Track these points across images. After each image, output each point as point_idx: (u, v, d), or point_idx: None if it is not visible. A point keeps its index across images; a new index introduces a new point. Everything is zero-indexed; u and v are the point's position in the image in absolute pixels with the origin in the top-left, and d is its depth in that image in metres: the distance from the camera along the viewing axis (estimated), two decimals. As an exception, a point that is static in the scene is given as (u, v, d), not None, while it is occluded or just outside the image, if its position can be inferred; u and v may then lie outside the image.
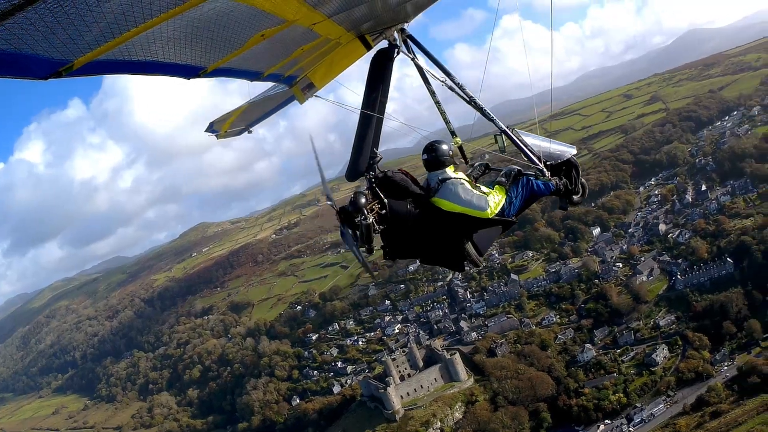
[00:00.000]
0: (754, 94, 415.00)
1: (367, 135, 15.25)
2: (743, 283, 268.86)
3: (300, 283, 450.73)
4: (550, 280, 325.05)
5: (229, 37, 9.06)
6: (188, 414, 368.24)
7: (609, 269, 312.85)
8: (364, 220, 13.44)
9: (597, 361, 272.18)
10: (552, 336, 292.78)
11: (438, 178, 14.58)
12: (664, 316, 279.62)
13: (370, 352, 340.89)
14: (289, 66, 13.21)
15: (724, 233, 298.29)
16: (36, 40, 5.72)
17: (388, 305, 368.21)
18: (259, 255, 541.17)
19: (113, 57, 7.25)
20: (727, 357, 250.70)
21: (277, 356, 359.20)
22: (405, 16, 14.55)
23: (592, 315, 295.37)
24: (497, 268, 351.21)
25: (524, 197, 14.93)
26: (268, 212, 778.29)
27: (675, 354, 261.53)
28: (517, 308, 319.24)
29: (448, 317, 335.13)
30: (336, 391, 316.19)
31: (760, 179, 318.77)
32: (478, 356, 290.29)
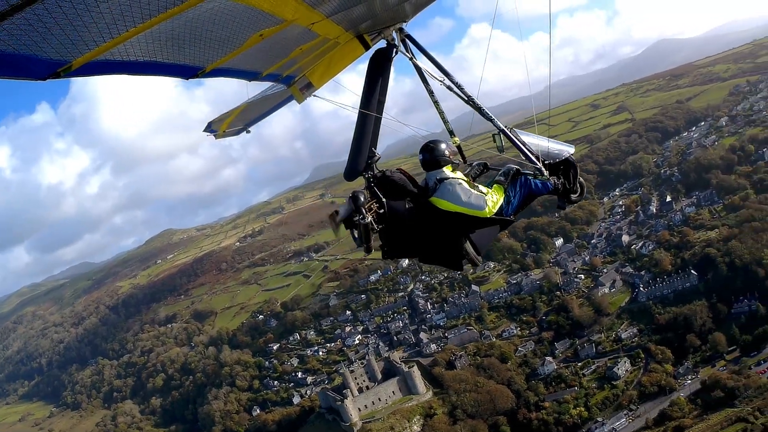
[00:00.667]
0: (721, 105, 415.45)
1: (366, 134, 14.84)
2: (708, 295, 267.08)
3: (263, 291, 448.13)
4: (511, 292, 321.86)
5: (227, 37, 8.90)
6: (151, 423, 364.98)
7: (571, 281, 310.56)
8: (363, 219, 13.30)
9: (558, 374, 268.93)
10: (512, 348, 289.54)
11: (436, 178, 14.33)
12: (627, 328, 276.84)
13: (330, 362, 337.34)
14: (287, 66, 12.88)
15: (688, 245, 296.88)
16: (34, 40, 5.78)
17: (349, 315, 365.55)
18: (222, 263, 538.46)
19: (111, 57, 7.20)
20: (691, 370, 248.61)
21: (238, 366, 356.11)
22: (403, 16, 14.45)
23: (553, 327, 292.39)
24: (458, 278, 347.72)
25: (522, 196, 14.84)
26: (233, 219, 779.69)
27: (637, 367, 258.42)
28: (478, 320, 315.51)
29: (408, 328, 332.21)
30: (296, 402, 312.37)
31: (726, 190, 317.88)
32: (438, 369, 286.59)
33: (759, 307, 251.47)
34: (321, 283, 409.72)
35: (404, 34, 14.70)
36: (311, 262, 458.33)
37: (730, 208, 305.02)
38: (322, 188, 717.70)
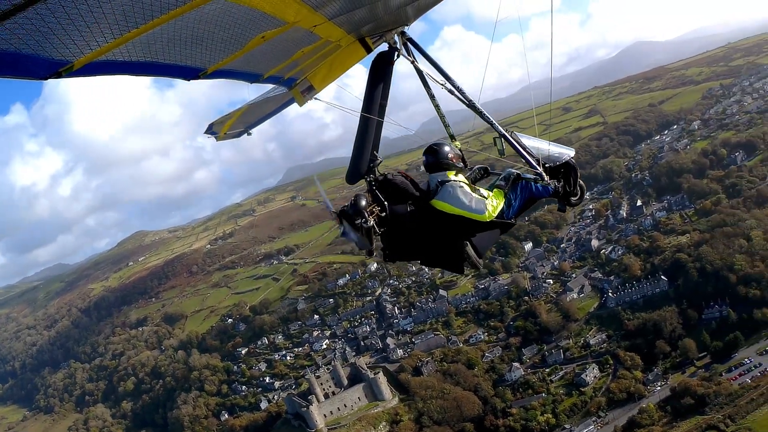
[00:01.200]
0: (694, 108, 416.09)
1: (368, 138, 14.91)
2: (678, 301, 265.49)
3: (233, 294, 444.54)
4: (479, 297, 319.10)
5: (229, 38, 9.03)
6: (122, 427, 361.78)
7: (539, 286, 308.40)
8: (365, 222, 13.35)
9: (525, 380, 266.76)
10: (479, 354, 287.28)
11: (437, 181, 14.25)
12: (595, 334, 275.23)
13: (297, 367, 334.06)
14: (289, 68, 12.86)
15: (658, 250, 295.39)
16: (36, 40, 5.88)
17: (317, 320, 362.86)
18: (193, 265, 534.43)
19: (113, 58, 7.31)
20: (661, 377, 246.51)
21: (207, 370, 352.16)
22: (405, 19, 14.37)
23: (521, 333, 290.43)
24: (426, 283, 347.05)
25: (523, 199, 14.71)
26: (204, 221, 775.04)
27: (606, 374, 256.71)
28: (445, 325, 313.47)
29: (375, 333, 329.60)
30: (263, 407, 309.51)
31: (698, 195, 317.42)
32: (404, 375, 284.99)
33: (730, 314, 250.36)
34: (290, 286, 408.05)
35: (406, 38, 14.65)
36: (281, 265, 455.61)
37: (702, 213, 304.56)
38: (293, 191, 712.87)
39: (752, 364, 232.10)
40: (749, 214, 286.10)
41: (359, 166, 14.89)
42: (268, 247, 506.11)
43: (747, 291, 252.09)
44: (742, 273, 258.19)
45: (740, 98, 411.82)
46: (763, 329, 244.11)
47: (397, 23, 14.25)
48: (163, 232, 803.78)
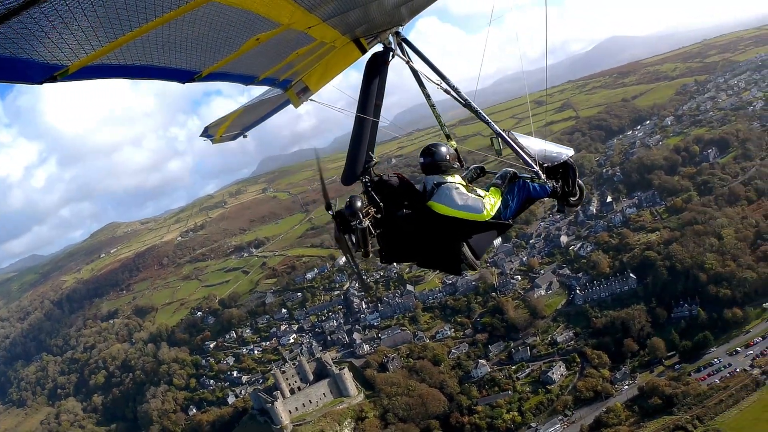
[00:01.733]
0: (668, 104, 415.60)
1: (363, 138, 14.61)
2: (647, 299, 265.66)
3: (203, 287, 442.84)
4: (446, 292, 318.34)
5: (223, 41, 8.98)
6: (93, 421, 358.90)
7: (507, 282, 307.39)
8: (360, 224, 13.10)
9: (491, 377, 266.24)
10: (445, 350, 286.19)
11: (434, 182, 14.11)
12: (562, 332, 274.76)
13: (265, 361, 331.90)
14: (284, 70, 12.77)
15: (627, 247, 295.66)
16: (32, 44, 5.87)
17: (285, 314, 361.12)
18: (164, 258, 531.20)
19: (108, 61, 7.32)
20: (628, 376, 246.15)
21: (175, 364, 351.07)
22: (400, 20, 14.14)
23: (488, 329, 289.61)
24: (394, 278, 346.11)
25: (520, 200, 14.51)
26: (176, 213, 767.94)
27: (573, 372, 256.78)
28: (412, 320, 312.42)
29: (342, 328, 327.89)
30: (230, 402, 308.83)
31: (669, 192, 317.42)
32: (370, 371, 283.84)
33: (700, 313, 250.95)
34: (259, 280, 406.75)
35: (401, 38, 14.23)
36: (251, 258, 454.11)
37: (672, 210, 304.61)
38: (265, 182, 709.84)
39: (721, 365, 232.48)
40: (720, 213, 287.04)
41: (355, 167, 14.60)
42: (239, 240, 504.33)
43: (717, 290, 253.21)
44: (713, 272, 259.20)
45: (714, 95, 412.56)
46: (733, 329, 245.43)
47: (392, 24, 13.93)
48: (136, 223, 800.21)
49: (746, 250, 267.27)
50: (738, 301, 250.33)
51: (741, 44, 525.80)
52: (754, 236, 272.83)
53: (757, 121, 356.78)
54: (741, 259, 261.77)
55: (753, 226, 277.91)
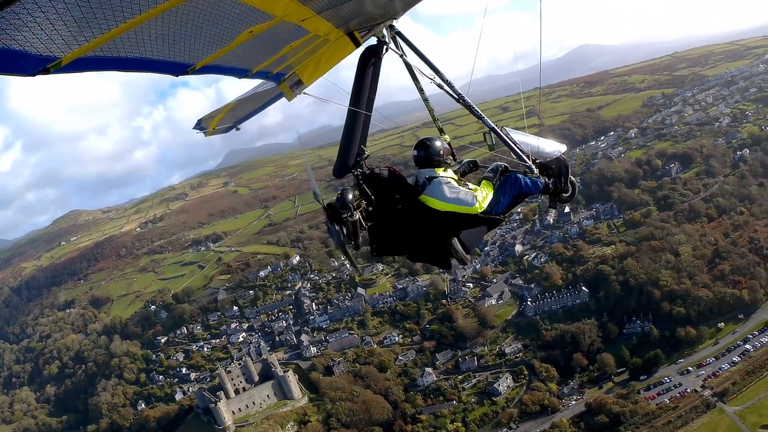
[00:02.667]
0: (633, 116, 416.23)
1: (355, 132, 14.65)
2: (598, 314, 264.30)
3: (159, 280, 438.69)
4: (397, 297, 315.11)
5: (217, 33, 9.04)
6: (46, 411, 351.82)
7: (458, 289, 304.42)
8: (351, 216, 13.23)
9: (437, 386, 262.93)
10: (392, 357, 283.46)
11: (425, 176, 14.30)
12: (511, 343, 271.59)
13: (214, 359, 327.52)
14: (277, 63, 12.82)
15: (581, 260, 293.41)
16: (24, 36, 5.86)
17: (236, 312, 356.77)
18: (122, 248, 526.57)
19: (102, 53, 7.33)
20: (576, 391, 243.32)
21: (126, 358, 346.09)
22: (394, 13, 14.02)
23: (436, 337, 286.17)
24: (346, 279, 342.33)
25: (512, 196, 14.78)
26: (138, 203, 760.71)
27: (520, 384, 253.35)
28: (360, 324, 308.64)
29: (290, 329, 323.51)
30: (178, 399, 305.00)
31: (628, 205, 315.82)
32: (315, 374, 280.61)
33: (652, 330, 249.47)
34: (213, 275, 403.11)
35: (395, 31, 14.19)
36: (207, 252, 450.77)
37: (630, 224, 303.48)
38: (227, 176, 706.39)
39: (672, 384, 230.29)
40: (679, 229, 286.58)
41: (346, 159, 14.36)
42: (197, 233, 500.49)
43: (671, 308, 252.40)
44: (667, 289, 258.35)
45: (681, 109, 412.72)
46: (685, 348, 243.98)
47: (386, 17, 13.63)
48: (98, 212, 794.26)
49: (703, 268, 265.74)
50: (692, 319, 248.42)
51: (711, 59, 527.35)
52: (712, 254, 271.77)
53: (722, 137, 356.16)
54: (697, 277, 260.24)
55: (712, 244, 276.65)
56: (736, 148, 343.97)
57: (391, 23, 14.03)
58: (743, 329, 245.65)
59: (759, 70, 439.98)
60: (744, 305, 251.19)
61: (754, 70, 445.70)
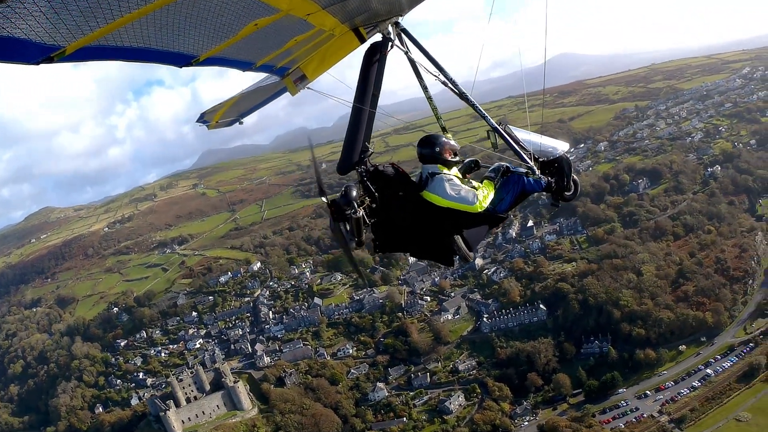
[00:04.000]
0: (604, 128, 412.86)
1: (359, 128, 14.53)
2: (555, 333, 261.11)
3: (123, 281, 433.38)
4: (353, 309, 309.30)
5: (222, 25, 9.12)
6: (8, 411, 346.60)
7: (415, 303, 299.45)
8: (354, 213, 13.12)
9: (388, 402, 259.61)
10: (345, 370, 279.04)
11: (428, 173, 14.24)
12: (465, 360, 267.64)
13: (170, 365, 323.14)
14: (281, 57, 13.05)
15: (541, 277, 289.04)
16: (29, 24, 5.92)
17: (195, 317, 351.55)
18: (90, 248, 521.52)
19: (106, 43, 7.45)
20: (529, 412, 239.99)
21: (86, 360, 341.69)
22: (399, 10, 14.16)
23: (390, 351, 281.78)
24: (304, 289, 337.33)
25: (515, 194, 14.77)
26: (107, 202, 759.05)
27: (472, 403, 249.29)
28: (315, 335, 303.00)
29: (246, 337, 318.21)
30: (134, 404, 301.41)
31: (592, 221, 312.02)
32: (266, 385, 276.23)
33: (610, 351, 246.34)
34: (175, 279, 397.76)
35: (400, 28, 14.20)
36: (172, 255, 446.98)
37: (593, 241, 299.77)
38: (196, 177, 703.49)
39: (628, 408, 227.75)
40: (643, 247, 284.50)
41: (351, 156, 14.06)
42: (163, 235, 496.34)
43: (631, 329, 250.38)
44: (628, 309, 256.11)
45: (653, 122, 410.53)
46: (644, 371, 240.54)
47: (391, 13, 13.76)
48: (70, 209, 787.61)
49: (666, 288, 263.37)
50: (652, 341, 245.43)
51: (688, 72, 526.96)
52: (676, 274, 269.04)
53: (693, 153, 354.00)
54: (659, 297, 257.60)
55: (676, 263, 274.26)
56: (707, 165, 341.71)
57: (396, 20, 13.92)
58: (705, 353, 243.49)
59: (735, 85, 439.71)
60: (707, 328, 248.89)
61: (730, 84, 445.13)
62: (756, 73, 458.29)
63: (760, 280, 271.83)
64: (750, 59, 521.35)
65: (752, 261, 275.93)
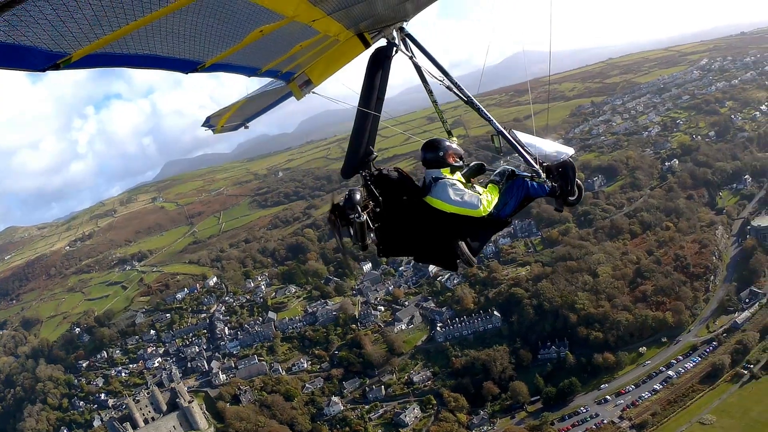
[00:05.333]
0: (559, 126, 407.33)
1: (364, 133, 14.71)
2: (511, 339, 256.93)
3: (86, 300, 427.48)
4: (306, 322, 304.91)
5: (227, 32, 9.07)
6: None
7: (368, 314, 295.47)
8: (358, 217, 13.18)
9: (343, 416, 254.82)
10: (300, 385, 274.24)
11: (432, 177, 14.20)
12: (420, 371, 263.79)
13: (131, 385, 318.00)
14: (287, 62, 12.93)
15: (495, 282, 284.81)
16: (35, 32, 5.91)
17: (153, 335, 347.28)
18: (52, 267, 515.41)
19: (112, 50, 7.42)
20: (487, 421, 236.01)
21: (50, 382, 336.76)
22: (404, 15, 14.12)
23: (344, 364, 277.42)
24: (258, 303, 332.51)
25: (519, 198, 14.77)
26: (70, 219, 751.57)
27: (428, 414, 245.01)
28: (270, 351, 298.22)
29: (203, 355, 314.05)
30: (96, 425, 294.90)
31: (547, 222, 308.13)
32: (221, 403, 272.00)
33: (568, 356, 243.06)
34: (134, 297, 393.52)
35: (404, 33, 14.18)
36: (132, 272, 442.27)
37: (548, 243, 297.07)
38: (156, 191, 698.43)
39: (588, 414, 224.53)
40: (599, 247, 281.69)
41: (355, 160, 14.38)
42: (123, 252, 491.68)
43: (588, 332, 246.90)
44: (584, 313, 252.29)
45: (609, 118, 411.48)
46: (604, 375, 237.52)
47: (396, 19, 13.76)
48: (33, 228, 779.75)
49: (624, 289, 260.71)
50: (611, 344, 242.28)
51: (645, 65, 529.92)
52: (634, 274, 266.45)
53: (650, 147, 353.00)
54: (617, 299, 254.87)
55: (633, 262, 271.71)
56: (664, 159, 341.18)
57: (401, 25, 13.89)
58: (666, 354, 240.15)
59: (693, 77, 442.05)
60: (668, 328, 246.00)
61: (687, 76, 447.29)
62: (714, 64, 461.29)
63: (722, 275, 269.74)
64: (708, 50, 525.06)
65: (713, 256, 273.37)
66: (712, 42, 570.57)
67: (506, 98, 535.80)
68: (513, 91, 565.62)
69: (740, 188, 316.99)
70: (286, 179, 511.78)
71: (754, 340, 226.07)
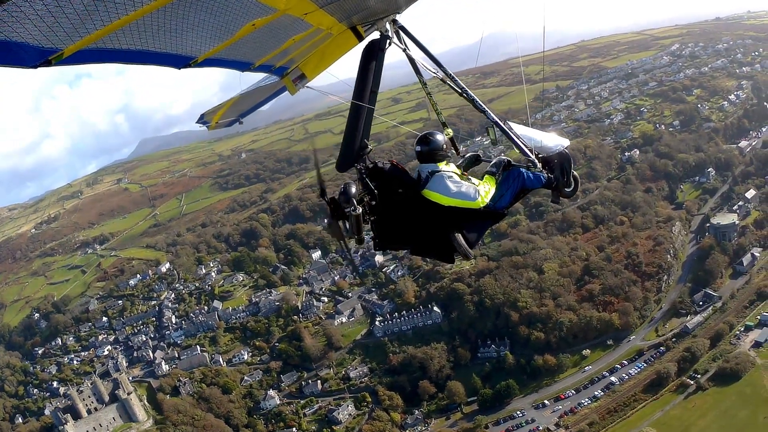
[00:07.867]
0: (522, 111, 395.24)
1: (358, 126, 14.77)
2: (450, 336, 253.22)
3: (48, 284, 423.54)
4: (249, 312, 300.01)
5: (219, 26, 9.28)
6: None
7: (311, 305, 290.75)
8: (354, 210, 13.23)
9: (279, 411, 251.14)
10: (239, 377, 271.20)
11: (428, 171, 14.43)
12: (357, 366, 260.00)
13: (81, 373, 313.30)
14: (280, 56, 13.35)
15: (437, 276, 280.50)
16: (26, 28, 6.01)
17: (105, 322, 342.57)
18: (17, 251, 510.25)
19: (103, 45, 7.58)
20: (421, 421, 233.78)
21: (7, 369, 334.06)
22: (396, 7, 14.53)
23: (283, 357, 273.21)
24: (207, 291, 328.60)
25: (515, 190, 14.93)
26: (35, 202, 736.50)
27: (362, 412, 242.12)
28: (212, 341, 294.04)
29: (148, 344, 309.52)
30: (47, 413, 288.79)
31: None
32: (161, 395, 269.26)
33: (508, 356, 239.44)
34: (91, 282, 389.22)
35: (398, 26, 14.48)
36: (92, 255, 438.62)
37: (496, 235, 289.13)
38: (121, 171, 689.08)
39: (524, 419, 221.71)
40: (548, 242, 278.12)
41: (350, 153, 14.40)
42: (86, 234, 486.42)
43: (530, 332, 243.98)
44: (526, 311, 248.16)
45: (572, 103, 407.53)
46: (543, 377, 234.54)
47: (389, 11, 14.03)
48: (4, 210, 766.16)
49: (570, 287, 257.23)
50: (552, 346, 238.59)
51: (615, 49, 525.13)
52: (582, 272, 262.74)
53: (611, 136, 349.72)
54: (561, 298, 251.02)
55: (582, 259, 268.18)
56: (624, 149, 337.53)
57: (394, 17, 14.08)
58: (610, 358, 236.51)
59: (662, 62, 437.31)
60: (614, 330, 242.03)
61: (657, 62, 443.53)
62: (685, 49, 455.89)
63: (676, 275, 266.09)
64: (681, 35, 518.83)
65: (668, 255, 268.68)
66: (686, 27, 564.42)
67: (472, 80, 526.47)
68: (479, 72, 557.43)
69: (703, 182, 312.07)
70: (249, 161, 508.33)
71: (704, 347, 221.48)
